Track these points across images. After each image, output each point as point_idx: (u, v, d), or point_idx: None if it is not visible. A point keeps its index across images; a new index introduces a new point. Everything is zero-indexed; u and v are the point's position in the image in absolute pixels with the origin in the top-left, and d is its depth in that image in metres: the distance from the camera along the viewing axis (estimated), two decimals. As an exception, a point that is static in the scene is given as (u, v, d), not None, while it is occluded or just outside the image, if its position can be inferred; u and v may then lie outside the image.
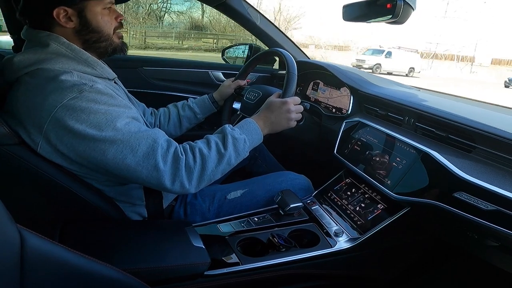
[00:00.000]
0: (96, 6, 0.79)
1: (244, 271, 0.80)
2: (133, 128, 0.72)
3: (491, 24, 39.35)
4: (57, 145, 0.70)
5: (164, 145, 0.74)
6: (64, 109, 0.68)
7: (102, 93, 0.72)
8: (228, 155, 0.78)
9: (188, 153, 0.75)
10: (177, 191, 0.75)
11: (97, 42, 0.82)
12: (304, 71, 1.53)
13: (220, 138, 0.80)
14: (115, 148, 0.69)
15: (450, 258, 1.17)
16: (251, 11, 1.54)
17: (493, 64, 31.31)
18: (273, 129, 0.92)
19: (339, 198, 1.06)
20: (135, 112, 0.79)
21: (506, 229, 0.68)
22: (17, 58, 0.73)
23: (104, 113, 0.70)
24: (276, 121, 0.92)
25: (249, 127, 0.86)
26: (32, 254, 0.40)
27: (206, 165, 0.75)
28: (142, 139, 0.71)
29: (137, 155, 0.70)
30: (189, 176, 0.74)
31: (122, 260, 0.69)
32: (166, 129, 1.19)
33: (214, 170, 0.77)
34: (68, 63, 0.74)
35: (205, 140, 0.81)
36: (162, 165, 0.71)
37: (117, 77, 0.90)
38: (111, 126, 0.69)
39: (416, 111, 0.97)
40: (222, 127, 0.84)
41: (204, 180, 0.76)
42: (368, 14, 0.95)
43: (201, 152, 0.76)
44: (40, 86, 0.70)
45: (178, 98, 1.29)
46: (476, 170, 0.76)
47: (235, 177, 1.33)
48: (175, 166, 0.73)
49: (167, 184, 0.73)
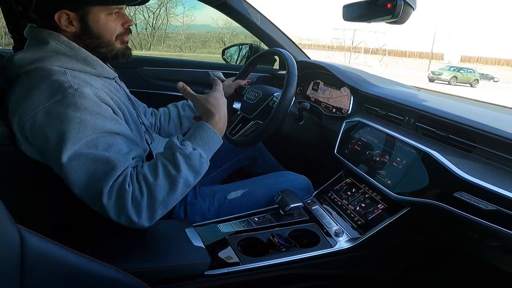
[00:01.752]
0: (100, 12, 0.77)
1: (244, 271, 0.80)
2: (99, 147, 0.67)
3: (461, 22, 39.90)
4: (34, 146, 0.70)
5: (119, 175, 0.67)
6: (44, 112, 0.67)
7: (86, 97, 0.69)
8: (184, 177, 0.70)
9: (134, 183, 0.67)
10: (126, 225, 0.69)
11: (98, 47, 0.80)
12: (304, 71, 1.53)
13: (169, 158, 0.71)
14: (71, 165, 0.66)
15: (450, 258, 1.17)
16: (251, 11, 1.55)
17: (462, 62, 31.75)
18: (225, 121, 0.84)
19: (339, 198, 1.06)
20: (118, 125, 0.73)
21: (506, 229, 0.68)
22: (18, 56, 0.73)
23: (79, 122, 0.66)
24: (225, 111, 0.84)
25: (204, 135, 0.76)
26: (32, 254, 0.40)
27: (155, 194, 0.67)
28: (100, 163, 0.66)
29: (84, 181, 0.66)
30: (137, 209, 0.67)
31: (122, 260, 0.68)
32: (166, 129, 1.19)
33: (169, 197, 0.69)
34: (67, 61, 0.74)
35: (152, 164, 0.71)
36: (106, 199, 0.66)
37: (117, 76, 0.89)
38: (77, 140, 0.66)
39: (416, 111, 0.97)
40: (170, 142, 0.73)
41: (158, 210, 0.69)
42: (368, 14, 0.95)
43: (146, 180, 0.68)
44: (32, 85, 0.70)
45: (178, 98, 1.29)
46: (476, 170, 0.76)
47: (235, 177, 1.34)
48: (119, 201, 0.66)
49: (113, 218, 0.68)
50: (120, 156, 0.69)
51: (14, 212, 0.41)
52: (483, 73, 23.69)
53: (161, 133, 1.20)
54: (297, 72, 1.07)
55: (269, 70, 1.82)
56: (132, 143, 0.75)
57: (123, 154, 0.70)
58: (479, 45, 36.61)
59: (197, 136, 0.76)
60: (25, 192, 0.75)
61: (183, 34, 16.80)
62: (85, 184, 0.67)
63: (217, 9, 1.54)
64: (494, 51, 32.81)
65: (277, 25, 1.64)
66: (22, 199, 0.72)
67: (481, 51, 33.23)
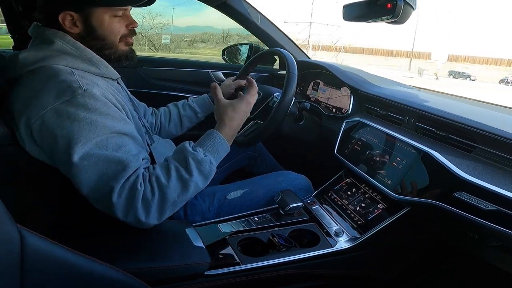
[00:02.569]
0: (104, 14, 0.77)
1: (244, 271, 0.80)
2: (109, 148, 0.68)
3: (453, 20, 39.99)
4: (41, 146, 0.69)
5: (130, 174, 0.68)
6: (53, 112, 0.66)
7: (95, 98, 0.69)
8: (195, 181, 0.72)
9: (146, 184, 0.69)
10: (131, 224, 0.69)
11: (101, 49, 0.80)
12: (305, 71, 1.53)
13: (181, 162, 0.73)
14: (81, 165, 0.66)
15: (450, 258, 1.17)
16: (251, 11, 1.55)
17: (449, 61, 31.86)
18: (237, 130, 0.86)
19: (339, 198, 1.06)
20: (127, 126, 0.74)
21: (506, 229, 0.68)
22: (22, 55, 0.73)
23: (89, 123, 0.67)
24: (239, 123, 0.86)
25: (214, 143, 0.79)
26: (32, 254, 0.40)
27: (166, 195, 0.69)
28: (111, 163, 0.67)
29: (94, 181, 0.67)
30: (146, 209, 0.68)
31: (122, 260, 0.69)
32: (167, 129, 1.19)
33: (179, 199, 0.71)
34: (72, 61, 0.74)
35: (165, 166, 0.73)
36: (116, 197, 0.66)
37: (120, 78, 0.89)
38: (87, 141, 0.66)
39: (416, 111, 0.97)
40: (182, 147, 0.76)
41: (167, 211, 0.70)
42: (368, 14, 0.95)
43: (159, 181, 0.69)
44: (39, 84, 0.69)
45: (178, 98, 1.29)
46: (476, 170, 0.76)
47: (235, 177, 1.33)
48: (130, 200, 0.67)
49: (120, 216, 0.68)
50: (130, 156, 0.69)
51: (14, 212, 0.41)
52: (461, 71, 24.04)
53: (162, 133, 1.20)
54: (297, 72, 1.07)
55: (269, 70, 1.82)
56: (139, 144, 0.76)
57: (132, 154, 0.70)
58: (468, 44, 36.53)
59: (207, 143, 0.78)
60: (25, 192, 0.75)
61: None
62: (95, 184, 0.67)
63: (217, 9, 1.54)
64: (483, 51, 32.72)
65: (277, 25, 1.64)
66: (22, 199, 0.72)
67: (470, 51, 33.08)
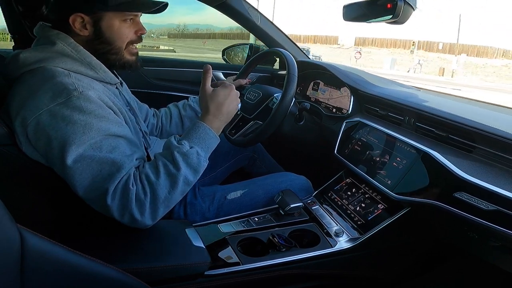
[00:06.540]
0: (114, 18, 0.77)
1: (244, 271, 0.80)
2: (104, 150, 0.68)
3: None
4: (36, 147, 0.70)
5: (124, 175, 0.69)
6: (48, 114, 0.67)
7: (91, 101, 0.69)
8: (183, 174, 0.71)
9: (138, 183, 0.69)
10: (128, 224, 0.70)
11: (107, 54, 0.80)
12: (304, 71, 1.53)
13: (168, 157, 0.72)
14: (75, 167, 0.66)
15: (450, 258, 1.17)
16: (251, 11, 1.54)
17: (356, 45, 31.51)
18: (227, 119, 0.84)
19: (340, 198, 1.06)
20: (122, 128, 0.74)
21: (506, 229, 0.68)
22: (23, 55, 0.73)
23: (84, 125, 0.67)
24: (228, 110, 0.83)
25: (199, 134, 0.77)
26: (32, 254, 0.40)
27: (157, 193, 0.69)
28: (105, 165, 0.67)
29: (88, 182, 0.67)
30: (140, 208, 0.68)
31: (122, 260, 0.69)
32: (168, 129, 1.19)
33: (170, 195, 0.70)
34: (71, 63, 0.74)
35: (153, 164, 0.73)
36: (110, 199, 0.67)
37: (119, 83, 0.88)
38: (82, 143, 0.66)
39: (416, 111, 0.97)
40: (168, 142, 0.76)
41: (160, 208, 0.70)
42: (368, 14, 0.95)
43: (149, 179, 0.70)
44: (36, 85, 0.70)
45: (178, 98, 1.29)
46: (476, 170, 0.76)
47: (235, 177, 1.33)
48: (124, 201, 0.67)
49: (116, 217, 0.69)
50: (124, 157, 0.70)
51: (14, 212, 0.41)
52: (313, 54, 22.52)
53: (163, 134, 1.20)
54: (297, 72, 1.07)
55: (269, 70, 1.81)
56: (134, 145, 0.76)
57: (126, 155, 0.71)
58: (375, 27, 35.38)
59: (192, 134, 0.77)
60: (25, 192, 0.75)
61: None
62: (89, 186, 0.67)
63: (217, 9, 1.54)
64: (390, 33, 31.52)
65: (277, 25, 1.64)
66: (22, 199, 0.72)
67: (377, 33, 31.93)
